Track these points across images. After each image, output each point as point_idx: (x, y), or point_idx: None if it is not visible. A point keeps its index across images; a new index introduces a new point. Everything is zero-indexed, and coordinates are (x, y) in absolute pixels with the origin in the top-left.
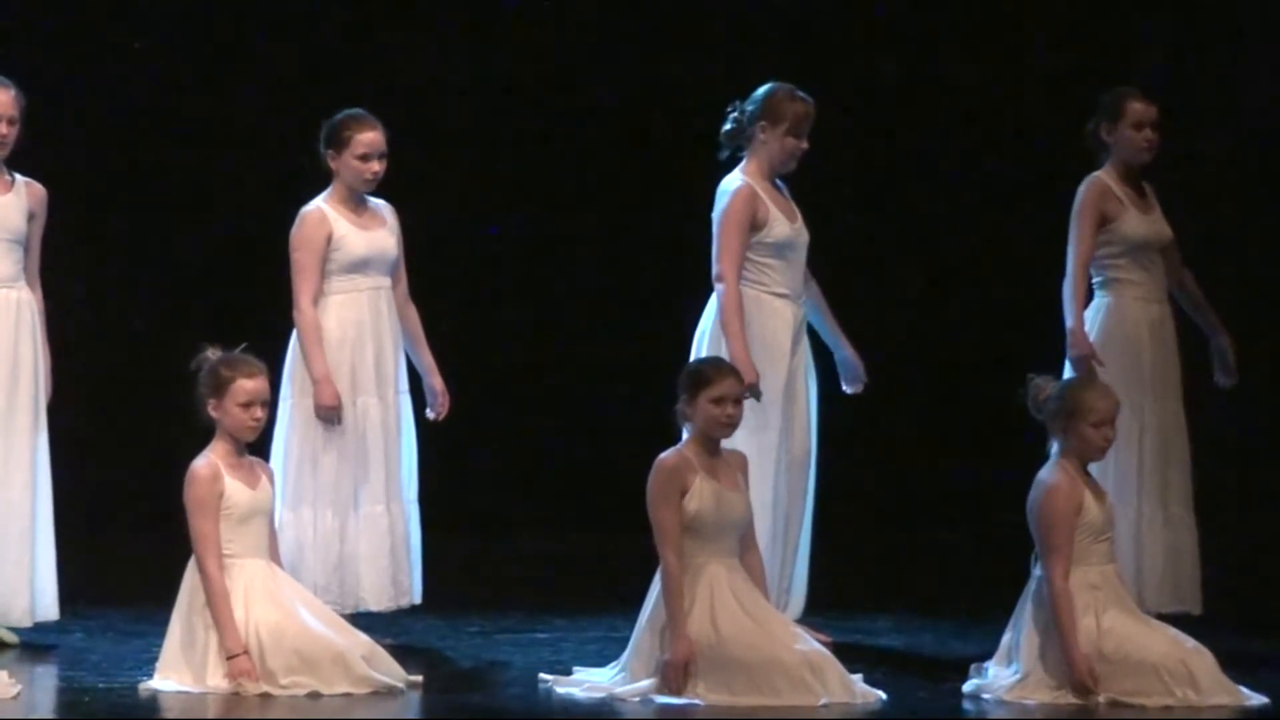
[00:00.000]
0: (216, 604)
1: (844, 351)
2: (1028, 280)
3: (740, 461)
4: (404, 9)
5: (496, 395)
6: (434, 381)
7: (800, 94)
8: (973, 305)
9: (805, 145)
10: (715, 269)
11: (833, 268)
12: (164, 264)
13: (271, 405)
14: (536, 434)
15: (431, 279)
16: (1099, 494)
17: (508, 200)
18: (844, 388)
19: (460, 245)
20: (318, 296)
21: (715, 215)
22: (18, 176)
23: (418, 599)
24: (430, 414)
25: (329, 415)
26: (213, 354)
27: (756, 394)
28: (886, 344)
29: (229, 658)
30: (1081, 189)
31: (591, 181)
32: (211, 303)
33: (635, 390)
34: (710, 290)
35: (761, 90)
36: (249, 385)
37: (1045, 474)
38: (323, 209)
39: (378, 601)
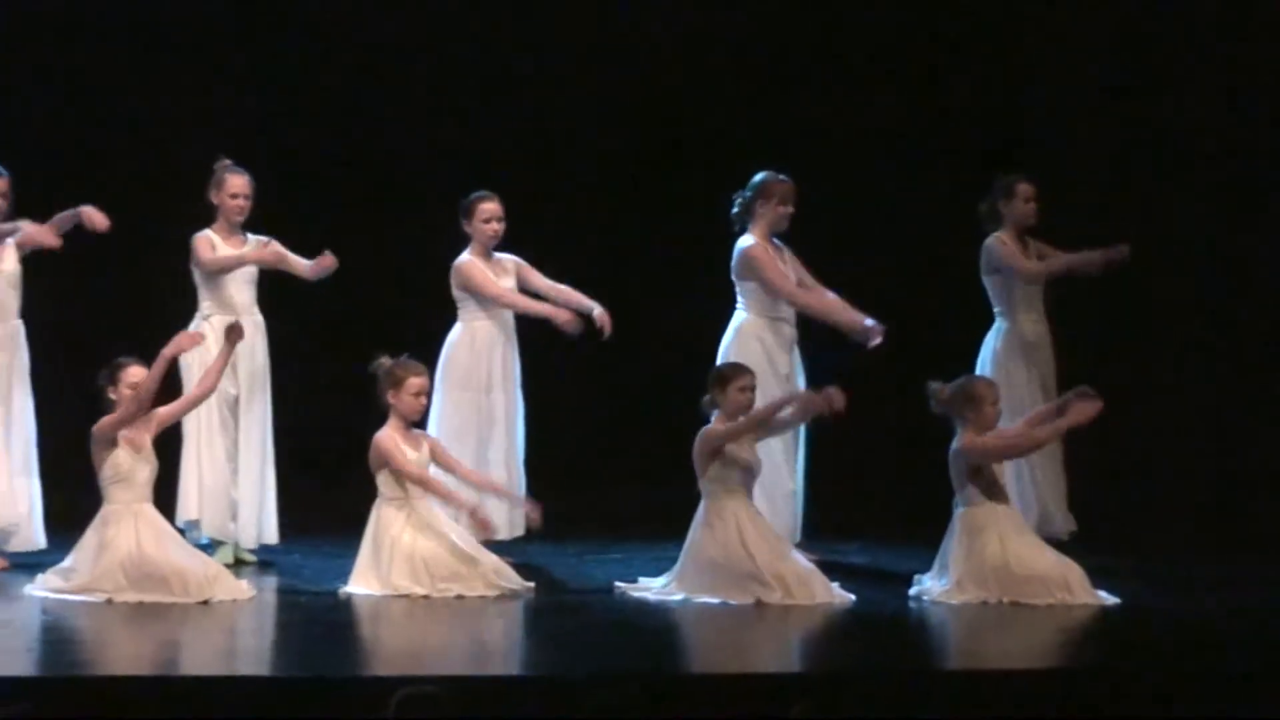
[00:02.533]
0: (440, 492)
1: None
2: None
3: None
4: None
5: (591, 387)
6: (594, 307)
7: (782, 176)
8: (938, 297)
9: (791, 210)
10: (769, 298)
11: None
12: (349, 294)
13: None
14: (607, 415)
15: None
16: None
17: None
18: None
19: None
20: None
21: (740, 266)
22: (249, 235)
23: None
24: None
25: None
26: (387, 360)
27: None
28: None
29: (470, 512)
30: (993, 245)
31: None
32: (385, 319)
33: (682, 383)
34: (730, 314)
35: (755, 178)
36: (418, 381)
37: (957, 443)
38: (472, 259)
39: (503, 532)
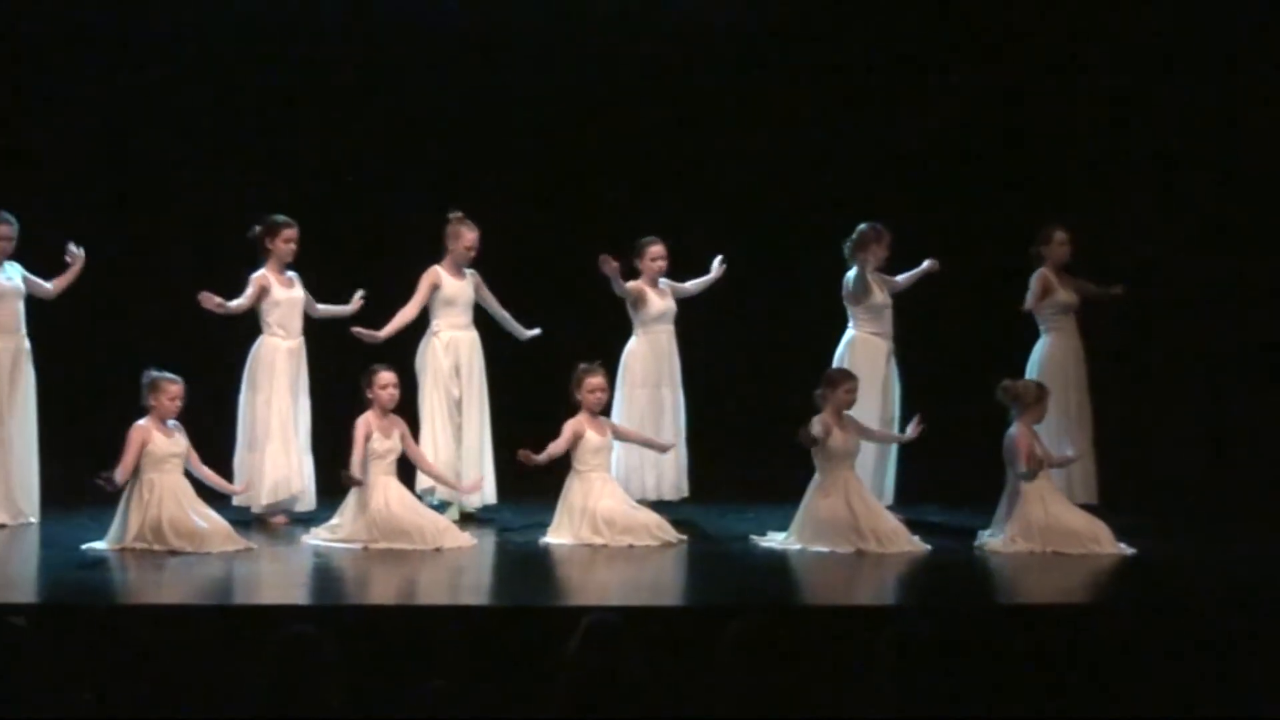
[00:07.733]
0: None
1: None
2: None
3: (853, 421)
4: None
5: (733, 388)
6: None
7: (877, 225)
8: (1005, 318)
9: (886, 252)
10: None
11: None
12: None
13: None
14: (745, 406)
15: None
16: (1040, 441)
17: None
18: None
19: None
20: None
21: (849, 293)
22: (467, 270)
23: (687, 493)
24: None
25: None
26: (583, 366)
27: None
28: (955, 334)
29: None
30: (1032, 281)
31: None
32: (580, 329)
33: (805, 381)
34: (843, 330)
35: (856, 230)
36: (594, 380)
37: (1012, 431)
38: (641, 286)
39: (671, 494)
